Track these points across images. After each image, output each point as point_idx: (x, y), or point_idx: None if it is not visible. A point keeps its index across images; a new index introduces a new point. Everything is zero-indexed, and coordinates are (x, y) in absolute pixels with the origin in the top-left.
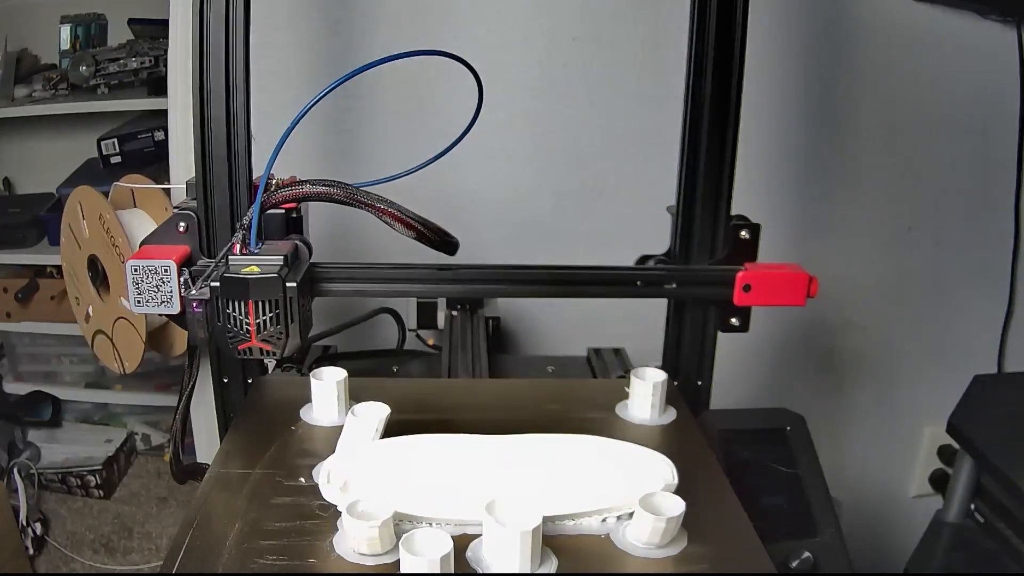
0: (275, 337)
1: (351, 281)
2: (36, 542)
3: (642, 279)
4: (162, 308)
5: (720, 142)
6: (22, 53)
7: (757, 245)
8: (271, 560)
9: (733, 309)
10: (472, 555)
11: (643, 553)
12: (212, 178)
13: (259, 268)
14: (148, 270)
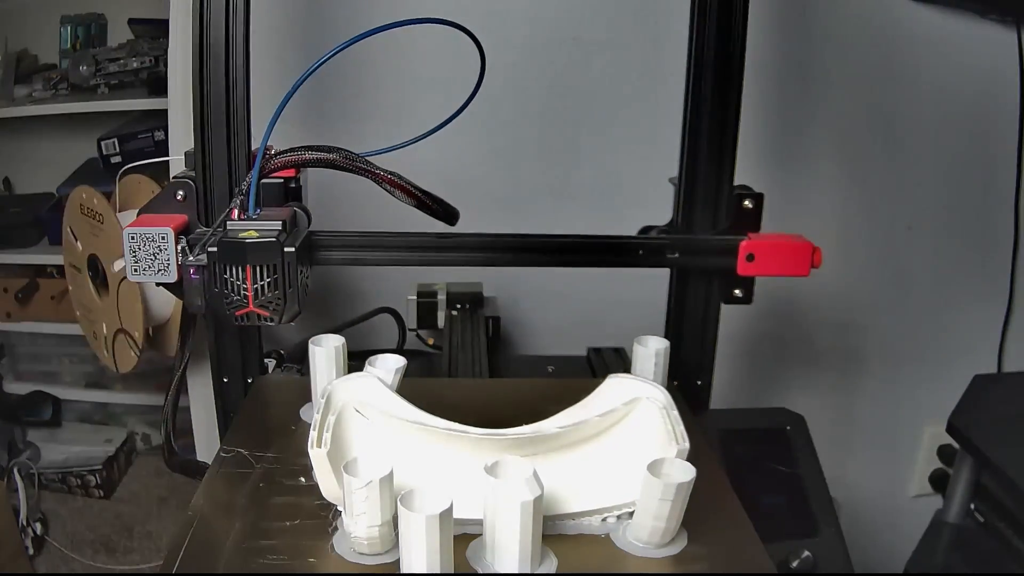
0: (273, 303)
1: (350, 249)
2: (36, 542)
3: (644, 248)
4: (159, 276)
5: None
6: (22, 53)
7: (761, 215)
8: (271, 560)
9: (736, 280)
10: (472, 555)
11: (643, 553)
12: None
13: (257, 233)
14: (145, 238)
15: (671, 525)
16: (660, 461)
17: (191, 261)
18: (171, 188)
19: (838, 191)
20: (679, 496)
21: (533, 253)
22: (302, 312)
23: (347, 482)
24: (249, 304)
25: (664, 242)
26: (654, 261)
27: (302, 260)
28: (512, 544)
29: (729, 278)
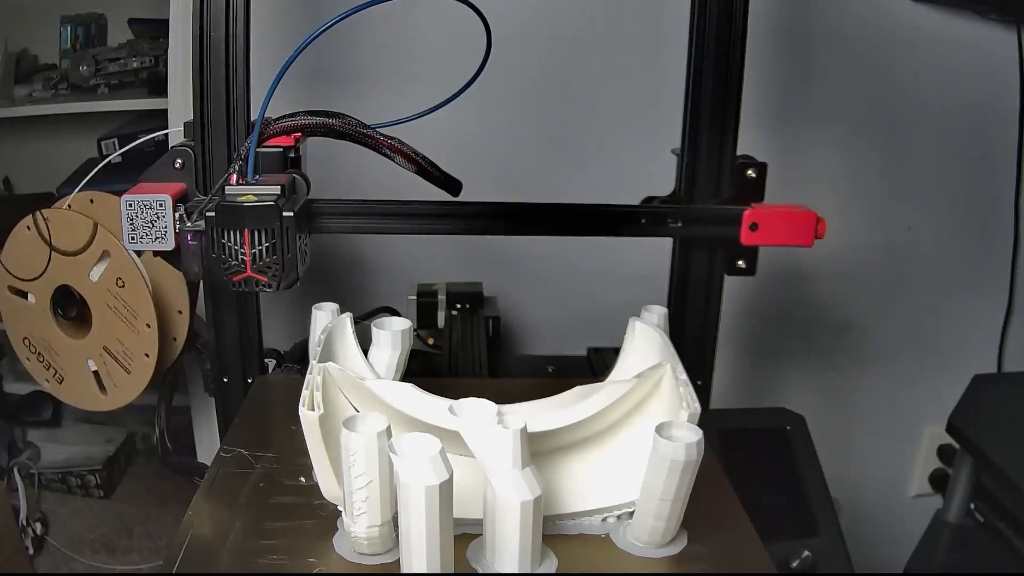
0: (271, 268)
1: (349, 216)
2: (36, 542)
3: (647, 217)
4: (156, 244)
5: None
6: (22, 53)
7: (764, 185)
8: (271, 560)
9: (740, 250)
10: (472, 555)
11: (643, 553)
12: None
13: (256, 197)
14: (143, 205)
15: (676, 512)
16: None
17: (189, 227)
18: (170, 156)
19: (837, 191)
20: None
21: (535, 222)
22: (300, 281)
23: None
24: (247, 269)
25: (666, 211)
26: (656, 230)
27: (301, 227)
28: (512, 544)
29: (732, 248)
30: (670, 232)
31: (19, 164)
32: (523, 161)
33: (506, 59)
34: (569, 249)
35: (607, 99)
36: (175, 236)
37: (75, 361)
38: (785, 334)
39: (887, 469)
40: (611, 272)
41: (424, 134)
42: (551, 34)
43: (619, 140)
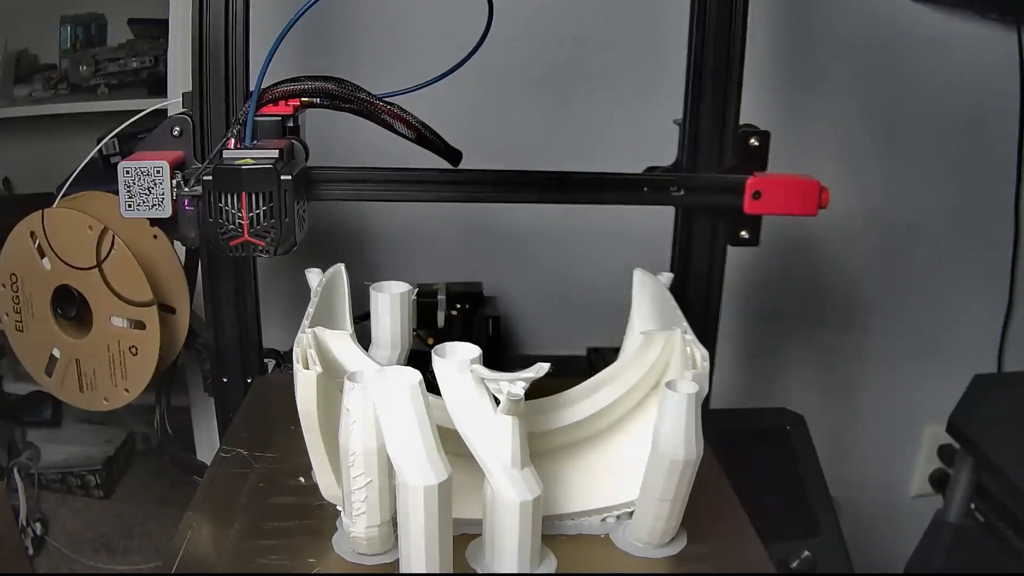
0: (268, 233)
1: (348, 183)
2: (36, 542)
3: (649, 184)
4: (152, 212)
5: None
6: (22, 53)
7: (767, 154)
8: (271, 560)
9: (743, 219)
10: (471, 555)
11: (643, 553)
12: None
13: (253, 160)
14: (140, 171)
15: (675, 512)
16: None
17: (186, 192)
18: (168, 124)
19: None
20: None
21: (536, 190)
22: (297, 246)
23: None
24: (244, 234)
25: (669, 179)
26: (658, 198)
27: (299, 192)
28: (511, 544)
29: (735, 218)
30: (672, 200)
31: (19, 164)
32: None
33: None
34: (569, 249)
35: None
36: (172, 203)
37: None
38: (785, 334)
39: (887, 469)
40: (611, 272)
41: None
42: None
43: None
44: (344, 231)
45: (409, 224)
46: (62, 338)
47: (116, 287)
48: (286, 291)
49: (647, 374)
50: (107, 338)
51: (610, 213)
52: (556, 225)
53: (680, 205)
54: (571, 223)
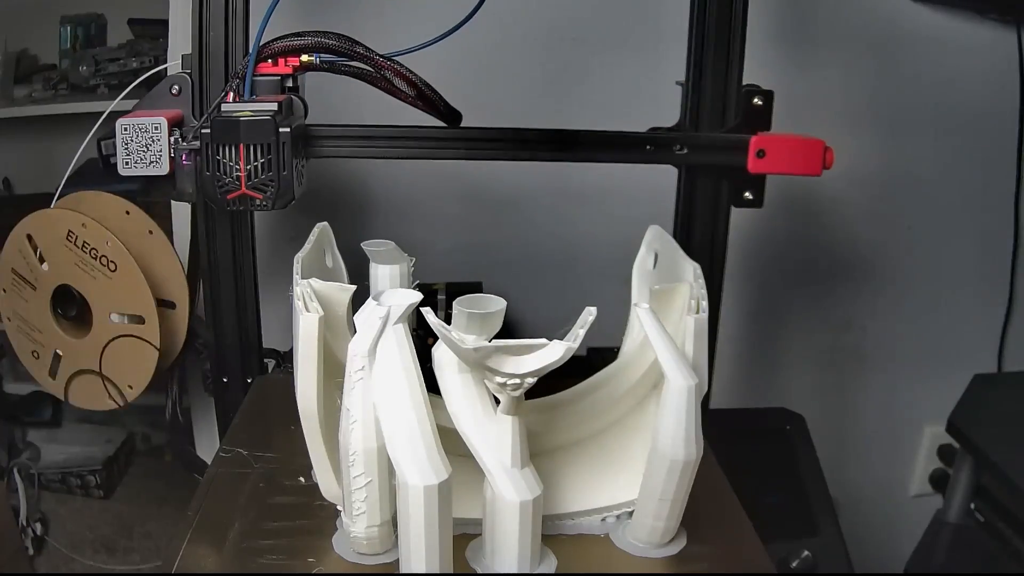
0: (266, 185)
1: (348, 140)
2: (36, 542)
3: (652, 143)
4: (150, 169)
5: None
6: (22, 53)
7: (771, 114)
8: (271, 559)
9: (747, 180)
10: (471, 555)
11: (643, 552)
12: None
13: (252, 112)
14: (138, 128)
15: (675, 512)
16: None
17: (184, 146)
18: (167, 83)
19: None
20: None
21: (540, 147)
22: (296, 200)
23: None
24: (241, 186)
25: (672, 137)
26: (662, 157)
27: (297, 147)
28: (511, 544)
29: (739, 177)
30: (676, 159)
31: (19, 164)
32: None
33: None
34: (569, 249)
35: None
36: (170, 161)
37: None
38: (785, 334)
39: (887, 469)
40: (611, 272)
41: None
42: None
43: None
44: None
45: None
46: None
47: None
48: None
49: (647, 374)
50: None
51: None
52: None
53: (683, 164)
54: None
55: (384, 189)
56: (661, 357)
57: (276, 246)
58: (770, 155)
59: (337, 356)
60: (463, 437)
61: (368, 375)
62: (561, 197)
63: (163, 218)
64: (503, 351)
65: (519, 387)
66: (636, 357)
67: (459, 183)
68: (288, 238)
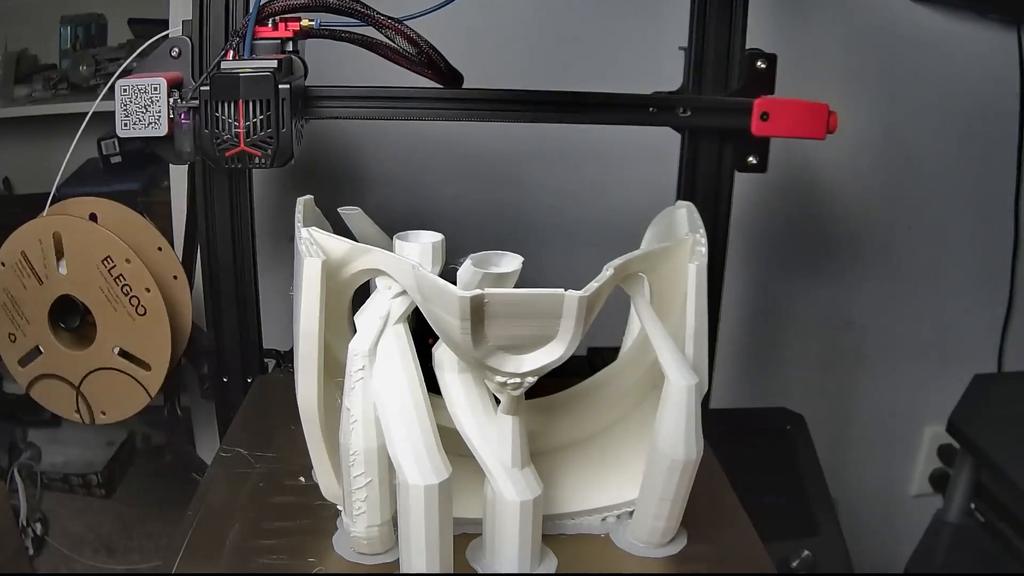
0: (265, 143)
1: (348, 100)
2: (36, 542)
3: (655, 104)
4: (149, 131)
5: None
6: (22, 53)
7: (774, 77)
8: (271, 559)
9: (751, 144)
10: (472, 555)
11: (643, 552)
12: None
13: (252, 69)
14: (138, 89)
15: (675, 511)
16: None
17: (183, 105)
18: (167, 45)
19: (836, 190)
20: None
21: (542, 108)
22: (294, 160)
23: None
24: (240, 143)
25: (676, 100)
26: (665, 119)
27: (296, 107)
28: (511, 544)
29: (743, 141)
30: (679, 121)
31: (19, 164)
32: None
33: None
34: (569, 248)
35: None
36: (168, 122)
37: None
38: (785, 334)
39: (887, 469)
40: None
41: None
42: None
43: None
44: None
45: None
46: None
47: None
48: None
49: (647, 373)
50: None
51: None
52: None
53: (687, 126)
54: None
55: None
56: (661, 357)
57: (276, 246)
58: (774, 118)
59: (337, 356)
60: (463, 437)
61: (368, 375)
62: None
63: (163, 218)
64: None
65: (519, 386)
66: (636, 357)
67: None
68: (287, 238)
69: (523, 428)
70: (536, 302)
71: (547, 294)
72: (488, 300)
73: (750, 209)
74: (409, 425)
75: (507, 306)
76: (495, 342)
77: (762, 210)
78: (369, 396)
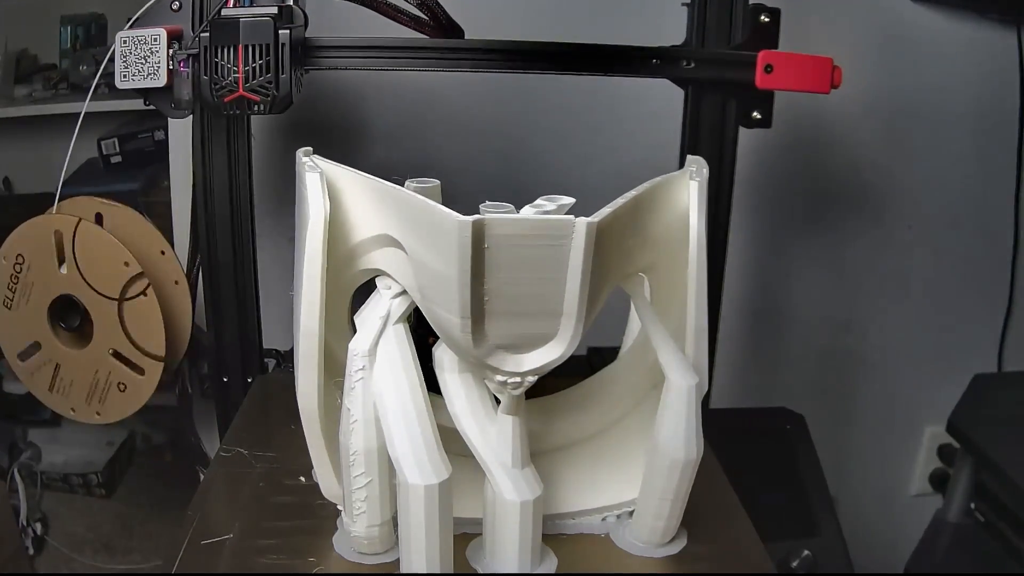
0: (264, 88)
1: (348, 50)
2: (36, 542)
3: (658, 56)
4: (148, 81)
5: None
6: (22, 53)
7: (778, 31)
8: (271, 559)
9: (755, 98)
10: (472, 554)
11: (643, 552)
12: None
13: (252, 14)
14: (138, 40)
15: (676, 511)
16: None
17: (183, 52)
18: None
19: (835, 189)
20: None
21: (545, 60)
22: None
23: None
24: (239, 88)
25: (679, 52)
26: (668, 71)
27: (296, 56)
28: (512, 544)
29: (747, 96)
30: (683, 73)
31: (19, 164)
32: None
33: None
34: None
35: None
36: (168, 73)
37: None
38: (785, 334)
39: (887, 468)
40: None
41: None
42: None
43: None
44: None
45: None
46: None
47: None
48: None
49: (647, 373)
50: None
51: None
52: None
53: (691, 79)
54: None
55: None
56: (661, 356)
57: (276, 244)
58: (778, 70)
59: (337, 356)
60: (463, 437)
61: (369, 375)
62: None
63: (163, 218)
64: (506, 239)
65: (520, 386)
66: (636, 357)
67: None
68: (287, 238)
69: (523, 428)
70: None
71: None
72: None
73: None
74: (409, 425)
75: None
76: (495, 340)
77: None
78: (369, 396)
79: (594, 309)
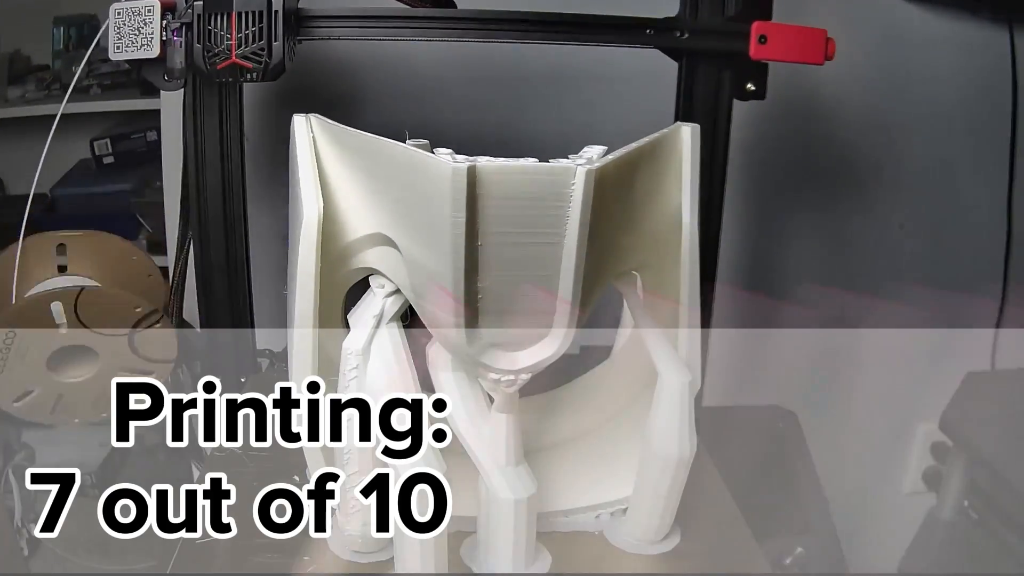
0: (256, 54)
1: (342, 20)
2: (31, 543)
3: (652, 26)
4: (141, 52)
5: None
6: (15, 54)
7: (771, 3)
8: (266, 558)
9: (749, 69)
10: (466, 553)
11: (637, 549)
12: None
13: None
14: (131, 11)
15: (669, 508)
16: None
17: (176, 22)
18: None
19: (833, 188)
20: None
21: (538, 29)
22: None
23: None
24: (232, 55)
25: (673, 23)
26: (662, 41)
27: (290, 25)
28: (506, 542)
29: (741, 66)
30: (676, 43)
31: (12, 165)
32: None
33: None
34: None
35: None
36: (161, 44)
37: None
38: (780, 332)
39: (880, 466)
40: None
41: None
42: None
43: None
44: None
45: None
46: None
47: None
48: (279, 290)
49: (640, 371)
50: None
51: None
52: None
53: (685, 49)
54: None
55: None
56: (654, 354)
57: (269, 244)
58: (772, 41)
59: (331, 355)
60: (457, 435)
61: (362, 373)
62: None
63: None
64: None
65: (513, 384)
66: (629, 354)
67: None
68: (281, 237)
69: (517, 426)
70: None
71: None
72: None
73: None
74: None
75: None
76: (488, 338)
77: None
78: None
79: (587, 306)
